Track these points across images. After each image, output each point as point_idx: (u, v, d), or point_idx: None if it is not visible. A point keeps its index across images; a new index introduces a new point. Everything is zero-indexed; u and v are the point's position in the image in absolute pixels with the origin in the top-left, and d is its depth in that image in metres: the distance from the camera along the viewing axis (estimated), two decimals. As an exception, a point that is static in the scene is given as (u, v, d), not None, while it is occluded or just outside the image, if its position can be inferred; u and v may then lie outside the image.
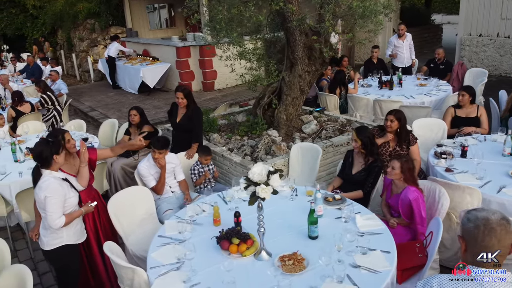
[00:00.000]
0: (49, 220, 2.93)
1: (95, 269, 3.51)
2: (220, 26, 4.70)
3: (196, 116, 4.83)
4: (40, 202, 2.95)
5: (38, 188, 2.97)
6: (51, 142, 3.08)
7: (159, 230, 3.29)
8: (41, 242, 3.12)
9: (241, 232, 3.00)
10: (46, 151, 2.99)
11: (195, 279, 2.68)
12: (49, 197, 2.90)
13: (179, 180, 4.32)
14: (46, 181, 2.95)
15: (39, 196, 2.94)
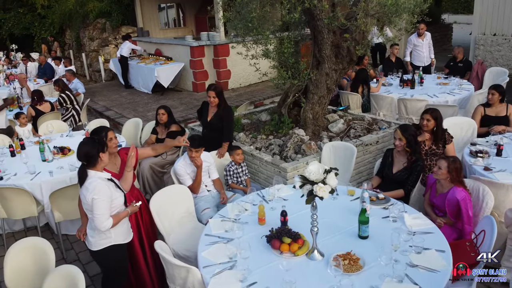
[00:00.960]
0: (97, 222, 2.88)
1: (137, 269, 3.47)
2: (252, 25, 4.65)
3: (227, 114, 4.79)
4: (87, 203, 2.90)
5: (85, 189, 2.91)
6: (96, 140, 3.03)
7: (205, 229, 3.25)
8: (88, 243, 3.07)
9: (292, 232, 2.96)
10: (92, 149, 2.93)
11: (251, 279, 2.65)
12: (96, 199, 2.85)
13: (213, 179, 4.28)
14: (92, 182, 2.90)
15: (86, 198, 2.88)
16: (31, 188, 4.32)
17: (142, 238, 3.48)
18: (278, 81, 5.12)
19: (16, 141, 5.25)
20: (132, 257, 3.42)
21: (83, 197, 2.91)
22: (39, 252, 3.07)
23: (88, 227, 3.07)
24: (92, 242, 3.03)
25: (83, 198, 2.91)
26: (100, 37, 13.36)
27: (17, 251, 3.08)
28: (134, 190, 3.48)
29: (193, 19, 14.19)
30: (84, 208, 3.00)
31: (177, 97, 10.35)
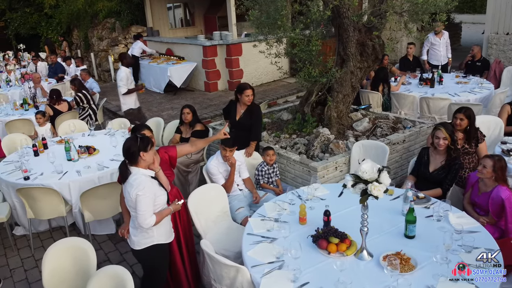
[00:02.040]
0: (140, 219, 2.83)
1: (174, 269, 3.42)
2: (281, 22, 4.60)
3: (256, 113, 4.74)
4: (131, 200, 2.85)
5: (129, 185, 2.86)
6: (140, 138, 2.98)
7: (246, 228, 3.20)
8: (131, 241, 3.02)
9: (339, 231, 2.91)
10: (134, 147, 2.88)
11: (302, 279, 2.60)
12: (141, 195, 2.80)
13: (243, 178, 4.23)
14: (137, 179, 2.85)
15: (130, 194, 2.83)
16: (59, 187, 4.27)
17: (179, 237, 3.43)
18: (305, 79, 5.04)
19: (39, 140, 5.19)
20: (170, 257, 3.37)
21: (127, 193, 2.86)
22: (80, 252, 3.01)
23: (131, 225, 3.02)
24: (134, 241, 2.98)
25: (127, 194, 2.86)
26: (109, 36, 13.31)
27: (57, 252, 3.02)
28: (173, 188, 3.43)
29: (202, 18, 14.13)
30: (127, 205, 2.95)
31: (189, 96, 10.30)
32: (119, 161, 4.65)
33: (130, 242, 3.03)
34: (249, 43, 10.44)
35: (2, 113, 7.43)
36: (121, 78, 6.65)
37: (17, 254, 4.48)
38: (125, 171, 2.92)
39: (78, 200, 4.38)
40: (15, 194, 4.44)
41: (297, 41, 4.80)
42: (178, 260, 3.42)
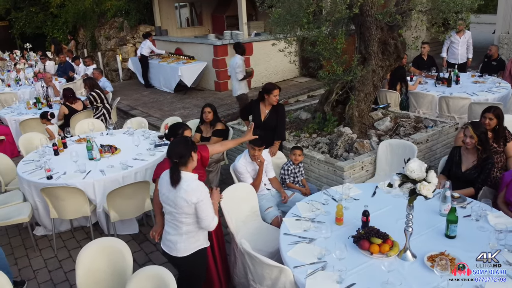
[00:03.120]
0: (206, 223, 2.74)
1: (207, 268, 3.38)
2: (307, 19, 4.55)
3: (281, 113, 4.67)
4: (186, 206, 2.69)
5: (183, 192, 2.68)
6: (189, 140, 2.90)
7: (282, 228, 3.15)
8: (174, 249, 2.86)
9: (380, 232, 2.86)
10: (186, 148, 2.78)
11: (348, 280, 2.55)
12: (202, 201, 2.69)
13: (270, 178, 4.18)
14: (191, 184, 2.71)
15: (186, 201, 2.67)
16: (83, 187, 4.21)
17: (211, 237, 3.37)
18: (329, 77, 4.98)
19: (59, 139, 5.14)
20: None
21: (182, 200, 2.68)
22: (115, 253, 2.96)
23: (174, 233, 2.84)
24: (180, 248, 2.84)
25: (181, 201, 2.69)
26: (117, 36, 13.25)
27: (92, 252, 2.97)
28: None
29: (210, 18, 14.08)
30: (178, 212, 2.74)
31: (200, 96, 10.25)
32: (142, 160, 4.65)
33: (173, 250, 2.87)
34: (259, 42, 10.43)
35: (15, 112, 7.38)
36: (238, 65, 7.40)
37: (40, 255, 4.43)
38: (178, 175, 2.74)
39: (102, 200, 4.35)
40: (37, 193, 4.39)
41: (322, 39, 4.74)
42: (211, 261, 3.37)
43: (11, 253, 4.47)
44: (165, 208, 2.84)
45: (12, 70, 11.32)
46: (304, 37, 5.82)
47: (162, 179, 2.87)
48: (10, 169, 5.18)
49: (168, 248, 2.91)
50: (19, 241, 4.69)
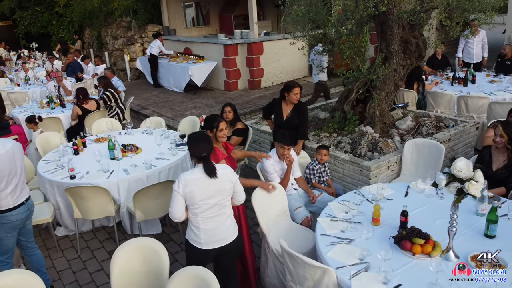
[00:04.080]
0: (242, 197, 2.99)
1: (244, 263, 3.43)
2: (332, 18, 4.51)
3: (303, 112, 4.62)
4: (231, 187, 2.86)
5: (227, 175, 2.83)
6: (206, 134, 2.99)
7: (317, 229, 3.11)
8: (229, 237, 2.94)
9: (422, 232, 2.82)
10: (208, 143, 2.84)
11: (394, 281, 2.51)
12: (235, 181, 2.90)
13: (296, 177, 4.13)
14: (225, 168, 2.91)
15: (232, 181, 2.86)
16: (107, 187, 4.17)
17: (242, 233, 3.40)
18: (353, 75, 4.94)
19: (78, 139, 5.09)
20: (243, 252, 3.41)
21: (228, 182, 2.83)
22: (152, 253, 2.92)
23: (221, 223, 2.89)
24: (233, 231, 2.98)
25: (228, 184, 2.83)
26: (125, 35, 13.19)
27: (126, 252, 2.93)
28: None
29: (217, 17, 14.04)
30: (224, 197, 2.85)
31: (210, 96, 10.21)
32: (165, 159, 4.61)
33: (229, 237, 2.92)
34: (269, 42, 10.39)
35: (28, 111, 7.32)
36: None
37: (62, 255, 4.38)
38: (213, 165, 2.79)
39: (127, 200, 4.31)
40: (60, 193, 4.36)
41: (345, 37, 4.71)
42: (248, 256, 3.40)
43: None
44: (205, 205, 2.79)
45: (19, 69, 11.27)
46: (323, 36, 5.80)
47: (189, 181, 2.76)
48: (29, 169, 5.12)
49: (223, 240, 2.89)
50: (40, 242, 4.63)
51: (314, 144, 5.08)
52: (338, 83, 10.41)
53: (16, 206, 3.24)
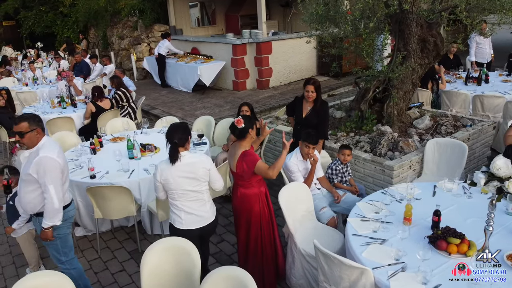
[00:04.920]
0: (219, 184, 3.28)
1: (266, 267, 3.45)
2: (355, 16, 4.48)
3: (324, 110, 4.58)
4: (205, 174, 3.14)
5: (202, 163, 3.14)
6: (186, 125, 3.25)
7: (348, 229, 3.08)
8: (205, 220, 3.26)
9: (457, 232, 2.79)
10: (184, 133, 3.11)
11: (433, 281, 2.48)
12: (213, 166, 3.23)
13: (318, 177, 4.11)
14: (199, 157, 3.21)
15: (206, 168, 3.14)
16: (128, 186, 4.13)
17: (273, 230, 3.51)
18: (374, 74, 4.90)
19: (95, 138, 5.06)
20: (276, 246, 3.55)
21: (203, 169, 3.11)
22: (182, 253, 2.88)
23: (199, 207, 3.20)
24: (210, 215, 3.30)
25: (202, 170, 3.11)
26: (131, 35, 13.15)
27: (157, 252, 2.89)
28: None
29: (223, 17, 14.01)
30: (200, 183, 3.13)
31: (219, 95, 10.17)
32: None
33: (205, 220, 3.22)
34: (278, 41, 10.36)
35: (39, 111, 7.29)
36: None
37: (82, 256, 4.35)
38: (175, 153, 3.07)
39: (147, 199, 4.28)
40: (79, 193, 4.32)
41: (366, 36, 4.68)
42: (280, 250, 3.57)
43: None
44: (181, 191, 3.10)
45: (26, 69, 11.23)
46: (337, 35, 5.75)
47: (164, 169, 3.10)
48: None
49: (198, 223, 3.19)
50: (59, 242, 4.60)
51: (332, 143, 5.05)
52: (347, 82, 10.39)
53: (70, 202, 3.38)
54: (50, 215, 3.07)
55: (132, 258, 4.22)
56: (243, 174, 3.27)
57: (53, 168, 3.03)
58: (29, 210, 3.18)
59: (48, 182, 3.01)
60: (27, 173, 3.04)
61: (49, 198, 3.03)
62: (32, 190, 3.08)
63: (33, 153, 3.07)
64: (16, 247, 4.58)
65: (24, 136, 3.00)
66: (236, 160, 3.28)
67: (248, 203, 3.34)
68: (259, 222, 3.37)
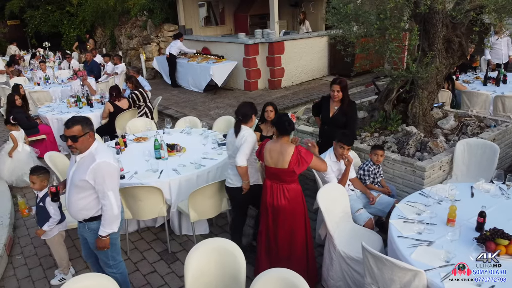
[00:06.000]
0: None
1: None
2: (384, 15, 4.45)
3: (351, 110, 4.53)
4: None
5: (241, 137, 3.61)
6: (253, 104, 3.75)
7: (392, 231, 3.05)
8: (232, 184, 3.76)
9: (505, 233, 2.76)
10: (250, 110, 3.67)
11: (486, 282, 2.46)
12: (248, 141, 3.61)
13: (351, 178, 4.08)
14: (245, 131, 3.64)
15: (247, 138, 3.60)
16: (159, 186, 4.10)
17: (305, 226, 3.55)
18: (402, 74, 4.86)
19: (120, 138, 5.03)
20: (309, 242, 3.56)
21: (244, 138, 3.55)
22: (227, 255, 2.85)
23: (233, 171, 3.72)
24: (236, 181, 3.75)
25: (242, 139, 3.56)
26: (140, 35, 13.10)
27: (201, 254, 2.86)
28: None
29: (232, 17, 13.97)
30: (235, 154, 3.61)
31: (231, 95, 10.14)
32: (212, 159, 4.55)
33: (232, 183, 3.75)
34: (290, 41, 10.33)
35: (55, 110, 7.26)
36: None
37: (111, 256, 4.30)
38: (238, 127, 3.67)
39: (177, 199, 4.25)
40: (108, 193, 4.28)
41: (395, 36, 4.65)
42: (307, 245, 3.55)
43: (79, 255, 4.35)
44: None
45: (36, 68, 11.19)
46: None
47: (229, 138, 3.82)
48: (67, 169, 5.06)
49: (229, 183, 3.78)
50: (85, 243, 4.56)
51: (358, 143, 5.02)
52: (360, 83, 10.37)
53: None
54: (109, 222, 2.99)
55: (162, 259, 4.19)
56: (295, 170, 3.26)
57: (112, 173, 2.94)
58: (81, 216, 3.08)
59: (107, 189, 2.91)
60: (82, 179, 2.91)
61: (109, 205, 2.94)
62: (85, 196, 2.99)
63: (86, 158, 2.96)
64: (41, 248, 4.57)
65: (78, 140, 2.87)
66: (288, 156, 3.25)
67: (296, 201, 3.38)
68: (304, 220, 3.44)
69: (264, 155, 3.44)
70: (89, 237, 3.14)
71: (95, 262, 3.42)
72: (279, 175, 3.35)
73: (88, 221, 3.10)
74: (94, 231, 3.09)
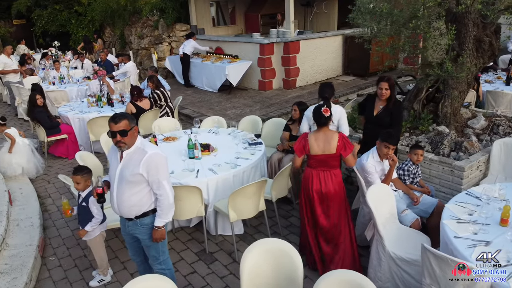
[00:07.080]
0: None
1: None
2: (421, 14, 4.43)
3: (397, 110, 4.39)
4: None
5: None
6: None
7: (447, 232, 3.03)
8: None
9: None
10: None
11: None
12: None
13: (393, 178, 4.04)
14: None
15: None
16: (197, 186, 4.07)
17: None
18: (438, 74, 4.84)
19: (151, 138, 4.99)
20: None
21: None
22: (283, 256, 2.83)
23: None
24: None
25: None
26: (151, 34, 13.06)
27: (256, 255, 2.84)
28: None
29: (243, 16, 13.95)
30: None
31: (246, 95, 10.10)
32: (245, 159, 4.53)
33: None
34: (305, 41, 10.30)
35: (76, 109, 7.22)
36: None
37: (147, 257, 4.27)
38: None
39: (214, 199, 4.23)
40: (143, 194, 4.24)
41: (430, 35, 4.62)
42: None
43: (114, 257, 4.32)
44: None
45: (48, 68, 11.15)
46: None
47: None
48: (98, 168, 5.02)
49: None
50: (119, 244, 4.52)
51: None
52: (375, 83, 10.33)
53: None
54: (165, 212, 3.05)
55: (200, 259, 4.16)
56: (342, 153, 3.54)
57: (164, 163, 3.02)
58: (133, 213, 3.07)
59: (162, 178, 2.99)
60: (135, 173, 2.93)
61: (165, 194, 3.01)
62: (137, 191, 3.00)
63: (135, 152, 2.98)
64: (74, 249, 4.53)
65: (127, 134, 2.90)
66: (335, 141, 3.53)
67: (341, 186, 3.60)
68: (345, 206, 3.70)
69: (310, 145, 3.59)
70: (141, 233, 3.13)
71: (143, 261, 3.40)
72: (327, 161, 3.56)
73: (140, 217, 3.09)
74: (147, 226, 3.10)
